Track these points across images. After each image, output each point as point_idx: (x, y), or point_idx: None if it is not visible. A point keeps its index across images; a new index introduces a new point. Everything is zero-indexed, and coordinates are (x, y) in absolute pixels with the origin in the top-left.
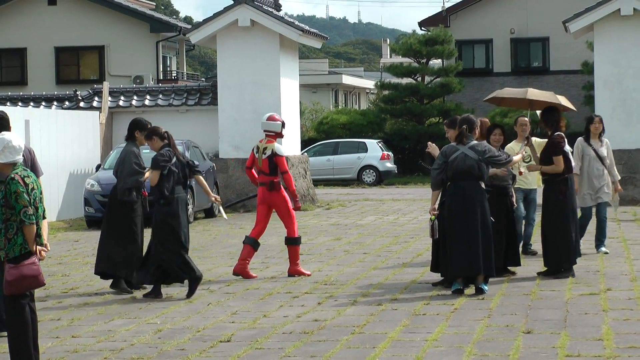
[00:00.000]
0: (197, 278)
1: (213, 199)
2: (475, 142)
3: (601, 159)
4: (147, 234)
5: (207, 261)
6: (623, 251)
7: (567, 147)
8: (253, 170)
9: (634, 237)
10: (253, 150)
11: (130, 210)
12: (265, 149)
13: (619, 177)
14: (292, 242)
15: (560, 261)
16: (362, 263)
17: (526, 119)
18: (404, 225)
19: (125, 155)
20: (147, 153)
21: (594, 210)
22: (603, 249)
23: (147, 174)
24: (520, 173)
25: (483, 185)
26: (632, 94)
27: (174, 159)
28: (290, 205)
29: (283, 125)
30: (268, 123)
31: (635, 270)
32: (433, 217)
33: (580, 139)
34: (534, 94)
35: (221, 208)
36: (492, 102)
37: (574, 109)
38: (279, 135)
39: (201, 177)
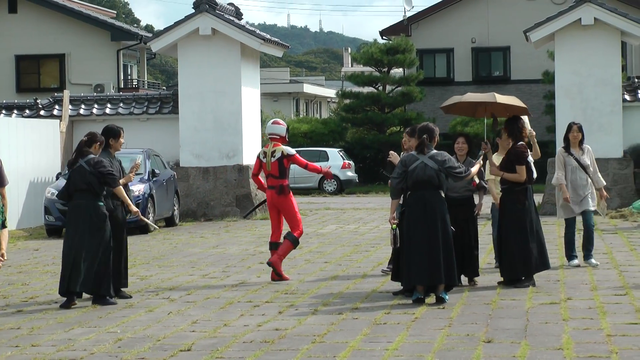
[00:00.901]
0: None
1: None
2: (435, 151)
3: (584, 167)
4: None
5: (168, 270)
6: (583, 260)
7: (530, 158)
8: (259, 177)
9: (595, 246)
10: (258, 156)
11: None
12: (273, 152)
13: (604, 183)
14: (291, 238)
15: (515, 270)
16: (323, 272)
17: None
18: (364, 234)
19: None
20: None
21: (576, 219)
22: (592, 260)
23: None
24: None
25: (443, 195)
26: (593, 103)
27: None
28: (297, 208)
29: (287, 129)
30: (273, 126)
31: (595, 279)
32: (394, 225)
33: (560, 149)
34: (501, 98)
35: (147, 220)
36: (448, 110)
37: (530, 114)
38: (284, 139)
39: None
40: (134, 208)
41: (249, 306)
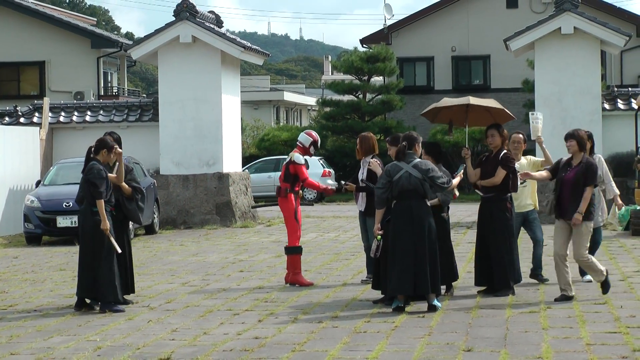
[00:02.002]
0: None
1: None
2: (418, 160)
3: None
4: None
5: (147, 278)
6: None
7: (517, 166)
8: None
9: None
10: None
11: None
12: (290, 157)
13: (618, 192)
14: (291, 251)
15: (508, 279)
16: None
17: (520, 135)
18: (345, 243)
19: None
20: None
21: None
22: (587, 277)
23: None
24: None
25: (428, 203)
26: (573, 112)
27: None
28: (296, 214)
29: (314, 143)
30: (301, 134)
31: (575, 288)
32: (379, 237)
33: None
34: (475, 101)
35: (113, 241)
36: (428, 116)
37: (514, 117)
38: (306, 150)
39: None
40: (105, 225)
41: (228, 314)
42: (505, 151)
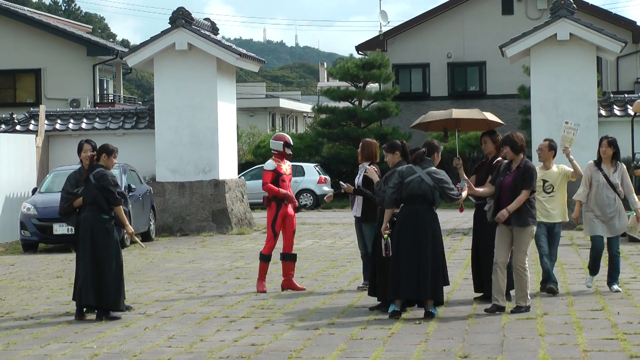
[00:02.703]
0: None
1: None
2: (433, 168)
3: (612, 185)
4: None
5: (144, 285)
6: (560, 276)
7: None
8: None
9: (570, 261)
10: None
11: None
12: None
13: (639, 206)
14: (261, 258)
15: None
16: None
17: (545, 142)
18: (341, 249)
19: None
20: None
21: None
22: (615, 286)
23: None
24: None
25: (435, 211)
26: (569, 118)
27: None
28: (274, 221)
29: (286, 145)
30: (271, 142)
31: (571, 295)
32: (386, 235)
33: (590, 162)
34: (458, 113)
35: (137, 239)
36: (419, 127)
37: (502, 123)
38: (282, 153)
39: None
40: (130, 229)
41: (225, 321)
42: (499, 158)
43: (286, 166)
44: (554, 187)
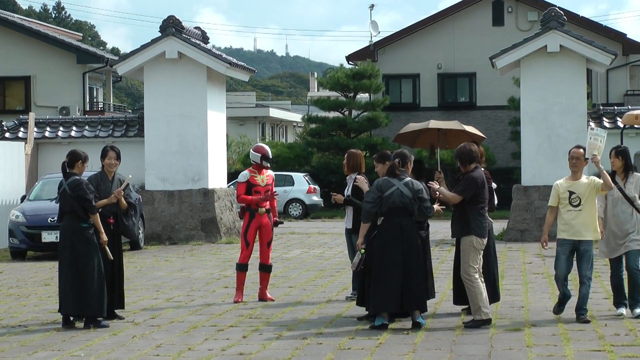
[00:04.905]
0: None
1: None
2: (409, 178)
3: (629, 199)
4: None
5: (132, 293)
6: (548, 287)
7: (494, 184)
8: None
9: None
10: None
11: None
12: None
13: None
14: (236, 267)
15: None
16: (287, 297)
17: (579, 150)
18: (329, 259)
19: None
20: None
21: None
22: (638, 310)
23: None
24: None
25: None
26: (558, 130)
27: (62, 188)
28: (247, 233)
29: (263, 157)
30: (250, 153)
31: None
32: (363, 250)
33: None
34: (436, 124)
35: (107, 249)
36: (404, 142)
37: (484, 136)
38: (259, 165)
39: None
40: (104, 237)
41: (213, 330)
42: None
43: (263, 177)
44: (581, 200)
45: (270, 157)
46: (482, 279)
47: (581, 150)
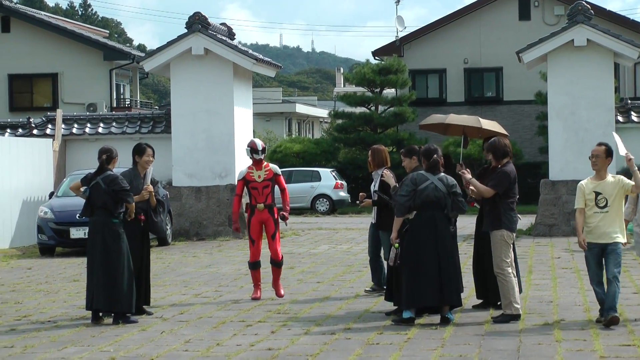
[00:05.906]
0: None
1: None
2: (443, 174)
3: None
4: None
5: (161, 289)
6: (576, 282)
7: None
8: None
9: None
10: None
11: None
12: None
13: None
14: (248, 266)
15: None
16: (315, 292)
17: (601, 147)
18: (357, 255)
19: None
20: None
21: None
22: None
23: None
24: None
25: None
26: (585, 124)
27: (93, 182)
28: (251, 232)
29: (251, 150)
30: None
31: (588, 300)
32: (397, 244)
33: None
34: (455, 119)
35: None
36: (433, 129)
37: (506, 133)
38: (253, 159)
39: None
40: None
41: (241, 326)
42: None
43: (261, 172)
44: (608, 201)
45: (259, 149)
46: (515, 273)
47: (603, 147)
